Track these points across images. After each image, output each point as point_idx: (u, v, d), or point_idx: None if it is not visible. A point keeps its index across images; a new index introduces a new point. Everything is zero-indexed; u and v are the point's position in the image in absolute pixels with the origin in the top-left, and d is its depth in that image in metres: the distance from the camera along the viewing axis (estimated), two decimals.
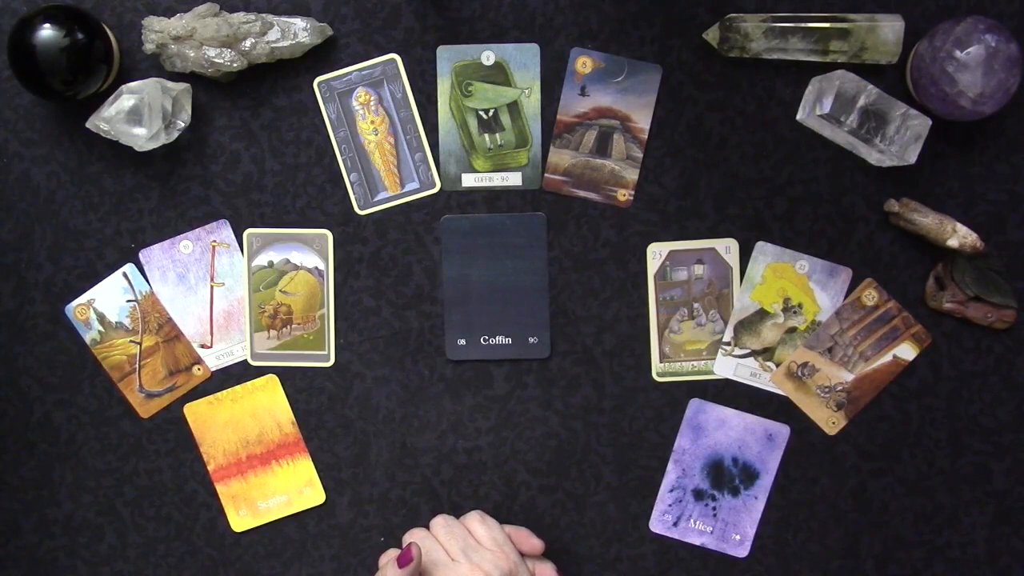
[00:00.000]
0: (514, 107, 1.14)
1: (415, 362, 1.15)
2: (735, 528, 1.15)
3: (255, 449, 1.15)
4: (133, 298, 1.15)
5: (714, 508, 1.15)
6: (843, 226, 1.13)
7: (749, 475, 1.14)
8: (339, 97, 1.14)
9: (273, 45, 1.11)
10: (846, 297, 1.14)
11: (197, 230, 1.15)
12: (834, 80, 1.08)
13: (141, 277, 1.15)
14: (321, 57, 1.14)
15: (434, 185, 1.15)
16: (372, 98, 1.14)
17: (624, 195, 1.14)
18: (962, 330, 1.13)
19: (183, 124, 1.11)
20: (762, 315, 1.14)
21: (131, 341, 1.15)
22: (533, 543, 1.08)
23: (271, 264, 1.15)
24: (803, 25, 1.10)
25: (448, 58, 1.14)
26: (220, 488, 1.15)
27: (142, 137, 1.10)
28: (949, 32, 1.06)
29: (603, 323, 1.14)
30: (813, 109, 1.09)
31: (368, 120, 1.14)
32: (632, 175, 1.14)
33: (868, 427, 1.14)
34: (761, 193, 1.14)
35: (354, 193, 1.15)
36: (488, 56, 1.14)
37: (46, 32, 1.07)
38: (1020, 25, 1.12)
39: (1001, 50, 1.05)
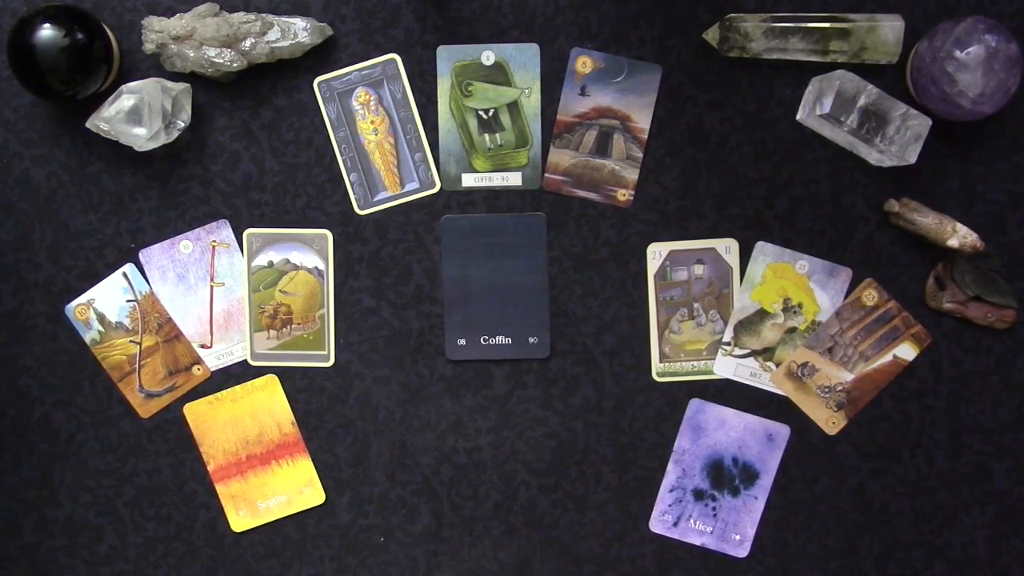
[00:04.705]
0: (514, 107, 1.14)
1: (415, 362, 1.15)
2: (735, 528, 1.15)
3: (255, 449, 1.15)
4: (133, 298, 1.15)
5: (714, 508, 1.15)
6: (843, 226, 1.13)
7: (749, 475, 1.14)
8: (339, 97, 1.14)
9: (273, 45, 1.11)
10: (846, 297, 1.14)
11: (197, 230, 1.15)
12: (834, 80, 1.08)
13: (141, 277, 1.15)
14: (321, 57, 1.14)
15: (434, 185, 1.15)
16: (372, 98, 1.14)
17: (624, 195, 1.14)
18: (962, 330, 1.13)
19: (183, 124, 1.11)
20: (762, 315, 1.14)
21: (131, 341, 1.15)
22: None
23: (271, 264, 1.15)
24: (803, 25, 1.10)
25: (448, 58, 1.14)
26: (220, 488, 1.15)
27: (142, 137, 1.10)
28: (949, 32, 1.06)
29: (603, 323, 1.14)
30: (813, 109, 1.09)
31: (368, 120, 1.14)
32: (632, 175, 1.14)
33: (868, 427, 1.14)
34: (761, 193, 1.14)
35: (354, 193, 1.15)
36: (488, 56, 1.14)
37: (46, 32, 1.07)
38: (1020, 25, 1.12)
39: (1001, 50, 1.05)
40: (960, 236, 1.09)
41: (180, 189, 1.15)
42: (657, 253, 1.14)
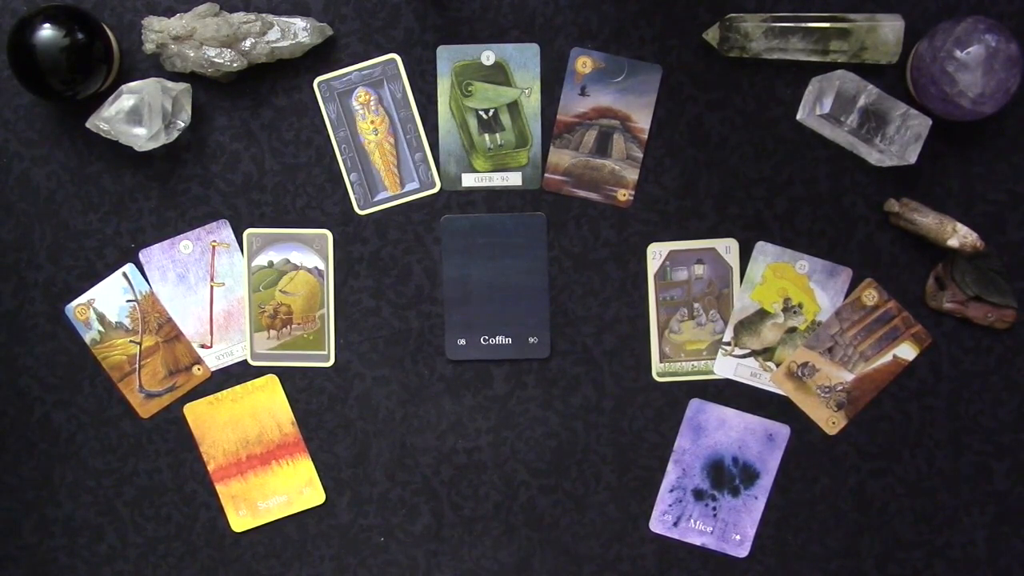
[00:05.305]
0: (514, 107, 1.14)
1: (415, 362, 1.15)
2: (735, 528, 1.15)
3: (255, 449, 1.15)
4: (133, 298, 1.15)
5: (714, 508, 1.15)
6: (843, 226, 1.13)
7: (749, 475, 1.14)
8: (339, 97, 1.14)
9: (273, 45, 1.11)
10: (846, 297, 1.14)
11: (197, 230, 1.15)
12: (834, 80, 1.08)
13: (141, 277, 1.15)
14: (321, 57, 1.14)
15: (434, 185, 1.15)
16: (372, 98, 1.14)
17: (624, 195, 1.14)
18: (962, 330, 1.13)
19: (183, 124, 1.11)
20: (762, 315, 1.14)
21: (131, 341, 1.15)
22: None
23: (271, 264, 1.15)
24: (803, 25, 1.10)
25: (448, 58, 1.14)
26: (220, 488, 1.15)
27: (142, 137, 1.10)
28: (949, 32, 1.06)
29: (603, 323, 1.14)
30: (813, 109, 1.09)
31: (368, 120, 1.14)
32: (632, 175, 1.14)
33: (868, 427, 1.14)
34: (761, 193, 1.14)
35: (354, 193, 1.15)
36: (488, 56, 1.14)
37: (46, 32, 1.07)
38: (1020, 25, 1.12)
39: (1001, 50, 1.05)
40: (960, 236, 1.09)
41: (180, 189, 1.15)
42: (657, 253, 1.14)
